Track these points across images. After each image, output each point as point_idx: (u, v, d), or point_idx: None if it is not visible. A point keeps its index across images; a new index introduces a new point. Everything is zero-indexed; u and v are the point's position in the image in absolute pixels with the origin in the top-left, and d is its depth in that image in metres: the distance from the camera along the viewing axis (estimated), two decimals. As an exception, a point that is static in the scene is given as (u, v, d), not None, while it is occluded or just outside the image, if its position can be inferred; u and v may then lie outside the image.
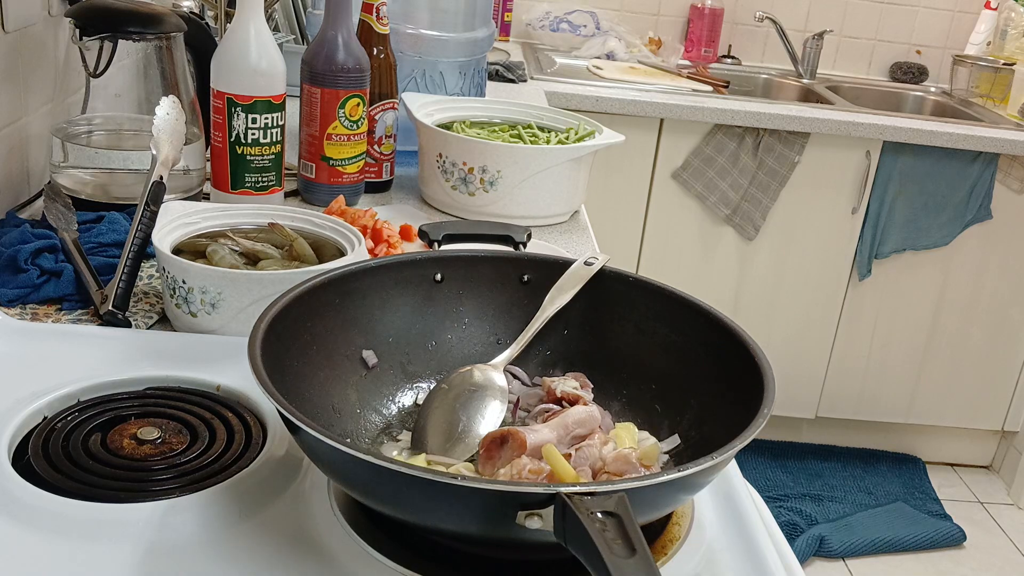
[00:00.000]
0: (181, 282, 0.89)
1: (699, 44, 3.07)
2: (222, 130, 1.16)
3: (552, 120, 1.45)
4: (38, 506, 0.64)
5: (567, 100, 2.40)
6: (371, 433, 0.77)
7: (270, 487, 0.69)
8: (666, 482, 0.57)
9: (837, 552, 2.51)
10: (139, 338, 0.90)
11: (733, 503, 0.73)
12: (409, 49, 1.55)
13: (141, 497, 0.66)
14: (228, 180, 1.18)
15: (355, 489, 0.63)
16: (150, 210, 0.97)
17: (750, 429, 0.61)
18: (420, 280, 0.84)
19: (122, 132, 1.27)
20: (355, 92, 1.25)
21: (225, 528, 0.65)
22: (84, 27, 1.16)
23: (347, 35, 1.24)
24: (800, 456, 2.92)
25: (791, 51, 3.03)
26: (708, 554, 0.67)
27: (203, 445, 0.73)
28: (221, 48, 1.16)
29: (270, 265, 0.94)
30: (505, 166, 1.28)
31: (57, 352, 0.84)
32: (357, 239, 0.96)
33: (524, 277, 0.85)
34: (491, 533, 0.59)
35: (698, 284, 2.59)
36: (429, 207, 1.36)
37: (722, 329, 0.75)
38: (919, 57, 3.16)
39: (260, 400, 0.78)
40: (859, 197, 2.58)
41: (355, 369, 0.79)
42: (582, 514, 0.52)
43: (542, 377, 0.83)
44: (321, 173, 1.27)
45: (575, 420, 0.72)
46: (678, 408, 0.77)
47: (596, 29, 3.04)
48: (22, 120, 1.21)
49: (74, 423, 0.74)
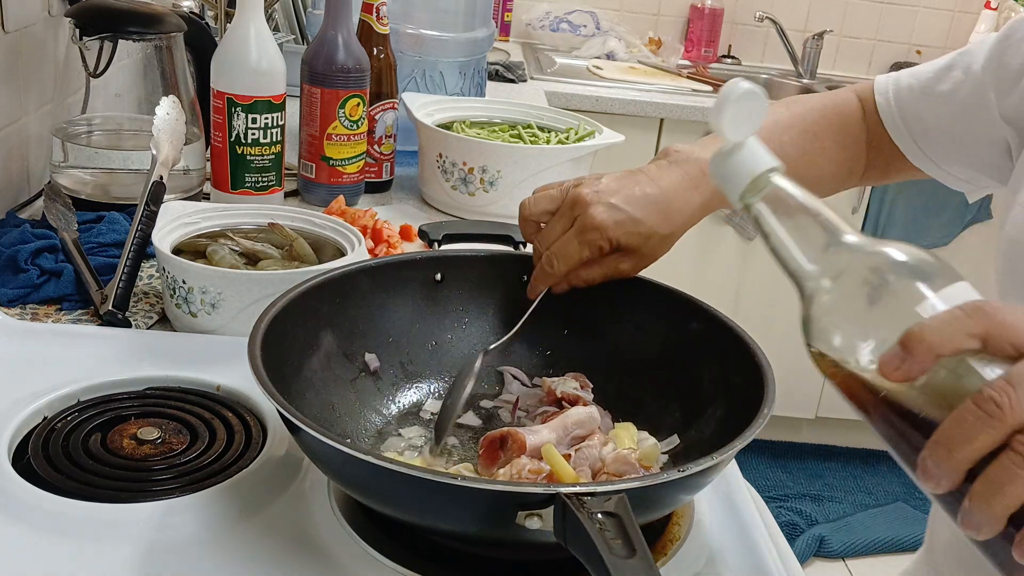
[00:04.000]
0: (181, 282, 0.89)
1: (699, 44, 3.07)
2: (222, 130, 1.16)
3: (552, 120, 1.45)
4: (38, 506, 0.64)
5: (567, 100, 2.40)
6: (371, 433, 0.77)
7: (270, 487, 0.69)
8: (666, 482, 0.57)
9: (837, 552, 2.51)
10: (139, 338, 0.90)
11: (733, 503, 0.73)
12: (409, 49, 1.55)
13: (141, 497, 0.66)
14: (228, 180, 1.18)
15: (355, 489, 0.63)
16: (150, 210, 0.97)
17: (750, 429, 0.61)
18: (420, 280, 0.84)
19: (122, 132, 1.27)
20: (355, 92, 1.25)
21: (225, 528, 0.65)
22: (84, 27, 1.16)
23: (347, 35, 1.24)
24: (800, 456, 2.92)
25: (791, 51, 3.03)
26: (708, 554, 0.67)
27: (203, 445, 0.73)
28: (221, 48, 1.16)
29: (270, 265, 0.94)
30: (505, 166, 1.28)
31: (57, 352, 0.84)
32: (357, 239, 0.96)
33: (524, 277, 0.85)
34: (491, 533, 0.59)
35: (698, 284, 2.59)
36: (429, 207, 1.36)
37: (722, 329, 0.75)
38: (919, 57, 3.16)
39: (260, 400, 0.78)
40: (859, 197, 2.57)
41: (355, 369, 0.79)
42: (582, 514, 0.52)
43: (542, 377, 0.83)
44: (321, 173, 1.27)
45: (575, 421, 0.72)
46: (678, 408, 0.77)
47: (596, 29, 3.04)
48: (22, 120, 1.21)
49: (74, 423, 0.74)
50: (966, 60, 0.89)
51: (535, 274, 0.83)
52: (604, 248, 0.81)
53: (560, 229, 0.81)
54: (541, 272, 0.82)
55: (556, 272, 0.81)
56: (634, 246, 0.81)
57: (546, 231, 0.83)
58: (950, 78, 0.90)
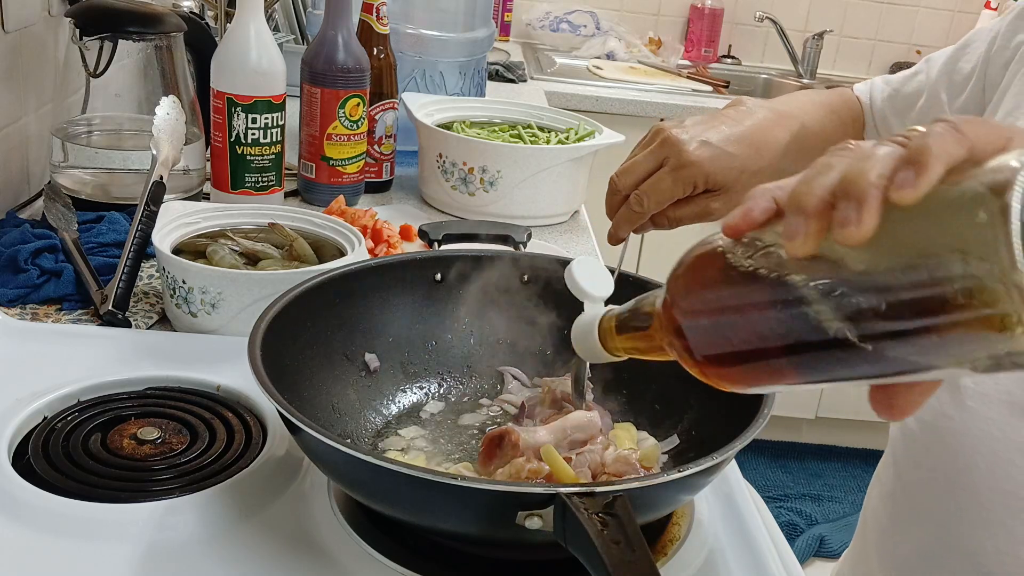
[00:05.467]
0: (181, 282, 0.89)
1: (699, 44, 3.07)
2: (222, 130, 1.16)
3: (552, 120, 1.45)
4: (38, 506, 0.64)
5: (567, 100, 2.40)
6: (371, 433, 0.77)
7: (270, 487, 0.69)
8: (666, 483, 0.57)
9: (837, 552, 2.51)
10: (139, 338, 0.90)
11: (733, 503, 0.73)
12: (409, 49, 1.55)
13: (141, 497, 0.66)
14: (228, 180, 1.18)
15: (355, 489, 0.63)
16: (150, 210, 0.97)
17: (750, 429, 0.61)
18: (420, 280, 0.84)
19: (122, 132, 1.27)
20: (355, 92, 1.25)
21: (225, 528, 0.65)
22: (84, 27, 1.16)
23: (347, 35, 1.24)
24: (800, 456, 2.92)
25: (791, 51, 3.03)
26: (708, 554, 0.67)
27: (203, 445, 0.73)
28: (221, 48, 1.16)
29: (270, 265, 0.94)
30: (505, 166, 1.28)
31: (57, 352, 0.84)
32: (357, 239, 0.96)
33: (524, 277, 0.85)
34: (491, 533, 0.59)
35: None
36: (429, 207, 1.36)
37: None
38: (919, 57, 3.16)
39: (260, 400, 0.78)
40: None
41: (355, 369, 0.79)
42: (582, 514, 0.52)
43: (542, 377, 0.83)
44: (321, 173, 1.27)
45: (574, 424, 0.72)
46: (678, 408, 0.77)
47: (596, 29, 3.04)
48: (22, 120, 1.21)
49: (74, 423, 0.74)
50: (928, 65, 0.95)
51: (618, 216, 0.82)
52: (699, 185, 0.81)
53: (649, 167, 0.81)
54: (627, 213, 0.81)
55: (645, 210, 0.81)
56: (728, 183, 0.82)
57: (630, 169, 0.82)
58: (915, 81, 0.96)
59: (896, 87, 0.98)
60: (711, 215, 0.84)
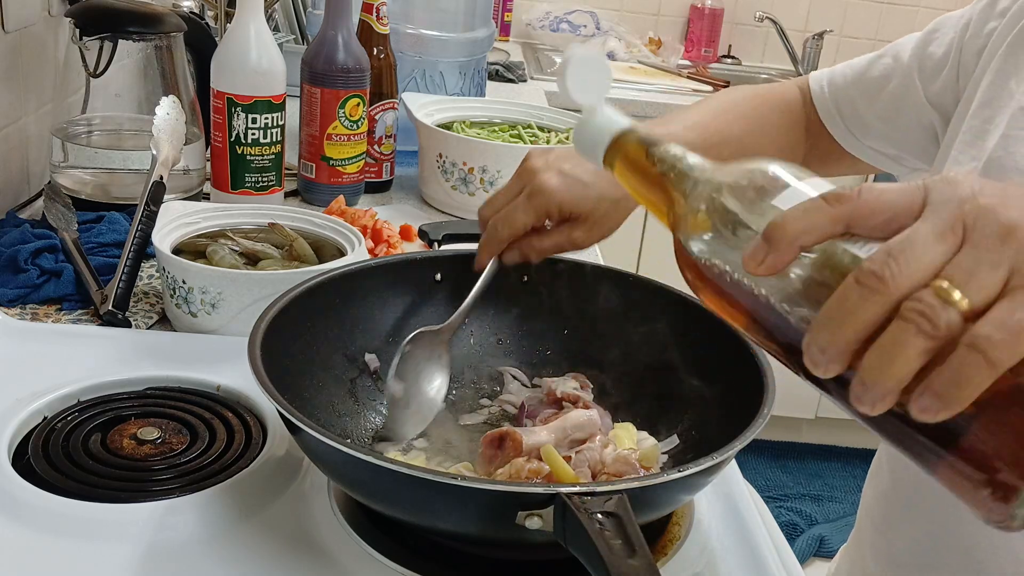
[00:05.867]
0: (181, 282, 0.89)
1: (699, 44, 3.07)
2: (222, 130, 1.16)
3: (552, 120, 1.45)
4: (38, 506, 0.64)
5: (567, 100, 2.40)
6: (371, 433, 0.77)
7: (270, 487, 0.69)
8: (666, 482, 0.57)
9: (837, 552, 2.51)
10: (139, 338, 0.90)
11: (733, 503, 0.73)
12: (409, 49, 1.55)
13: (141, 497, 0.66)
14: (228, 180, 1.18)
15: (355, 489, 0.63)
16: (150, 210, 0.97)
17: (750, 429, 0.61)
18: (420, 280, 0.84)
19: (122, 132, 1.27)
20: (355, 92, 1.25)
21: (225, 528, 0.65)
22: (84, 27, 1.16)
23: (347, 35, 1.24)
24: (800, 456, 2.92)
25: (791, 51, 3.03)
26: (708, 554, 0.67)
27: (203, 445, 0.73)
28: (221, 48, 1.16)
29: (270, 265, 0.94)
30: (505, 166, 1.28)
31: (57, 352, 0.84)
32: (357, 239, 0.96)
33: (523, 277, 0.85)
34: (491, 533, 0.59)
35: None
36: (429, 207, 1.36)
37: (722, 329, 0.75)
38: (919, 57, 3.16)
39: (260, 400, 0.78)
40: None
41: (355, 369, 0.79)
42: (582, 514, 0.52)
43: (542, 377, 0.83)
44: (321, 173, 1.27)
45: (574, 424, 0.72)
46: (678, 408, 0.77)
47: (596, 29, 3.04)
48: (22, 120, 1.21)
49: (74, 423, 0.74)
50: (895, 49, 0.95)
51: (481, 242, 0.83)
52: (552, 214, 0.82)
53: (508, 196, 0.83)
54: (487, 239, 0.83)
55: (500, 237, 0.82)
56: (584, 212, 0.83)
57: (492, 199, 0.84)
58: (880, 64, 0.95)
59: (859, 71, 0.97)
60: (575, 245, 0.84)
